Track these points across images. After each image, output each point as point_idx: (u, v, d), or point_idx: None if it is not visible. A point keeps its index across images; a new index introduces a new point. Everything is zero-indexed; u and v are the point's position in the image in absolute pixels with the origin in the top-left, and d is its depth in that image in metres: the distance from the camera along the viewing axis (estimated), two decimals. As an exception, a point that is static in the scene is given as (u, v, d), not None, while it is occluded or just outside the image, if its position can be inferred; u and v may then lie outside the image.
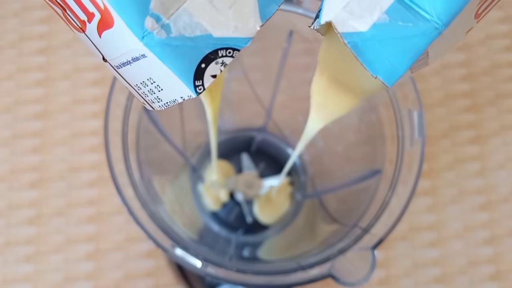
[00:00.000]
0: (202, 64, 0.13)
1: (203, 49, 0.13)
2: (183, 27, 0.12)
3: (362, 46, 0.12)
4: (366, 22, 0.12)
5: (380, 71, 0.12)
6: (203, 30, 0.12)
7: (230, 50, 0.13)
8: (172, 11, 0.12)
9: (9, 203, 0.40)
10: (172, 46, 0.12)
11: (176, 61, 0.12)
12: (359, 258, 0.23)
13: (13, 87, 0.42)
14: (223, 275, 0.23)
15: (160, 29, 0.12)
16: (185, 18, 0.12)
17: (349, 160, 0.34)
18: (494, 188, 0.42)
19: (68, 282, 0.38)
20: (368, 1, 0.12)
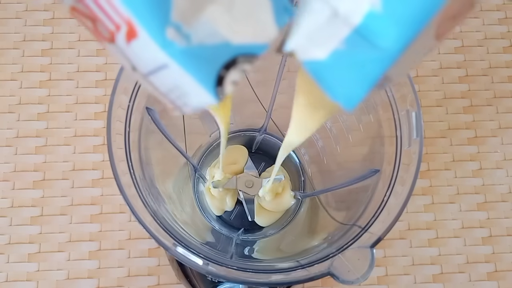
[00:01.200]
0: (222, 71, 0.13)
1: (223, 57, 0.13)
2: (203, 36, 0.12)
3: (322, 73, 0.12)
4: (326, 50, 0.12)
5: (340, 96, 0.12)
6: (222, 38, 0.13)
7: (248, 57, 0.13)
8: (193, 20, 0.12)
9: (13, 202, 0.40)
10: (193, 54, 0.12)
11: (197, 69, 0.13)
12: (358, 257, 0.23)
13: (17, 87, 0.43)
14: (224, 273, 0.24)
15: (181, 38, 0.12)
16: (205, 27, 0.12)
17: (348, 160, 0.34)
18: (492, 187, 0.42)
19: (71, 280, 0.39)
20: (327, 31, 0.12)
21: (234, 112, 0.38)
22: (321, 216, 0.34)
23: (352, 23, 0.12)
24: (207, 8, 0.12)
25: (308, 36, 0.12)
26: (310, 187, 0.37)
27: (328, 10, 0.12)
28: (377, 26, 0.11)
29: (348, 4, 0.12)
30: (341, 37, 0.12)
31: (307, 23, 0.13)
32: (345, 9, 0.12)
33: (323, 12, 0.12)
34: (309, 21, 0.13)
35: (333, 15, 0.12)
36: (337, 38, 0.12)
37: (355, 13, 0.11)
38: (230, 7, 0.13)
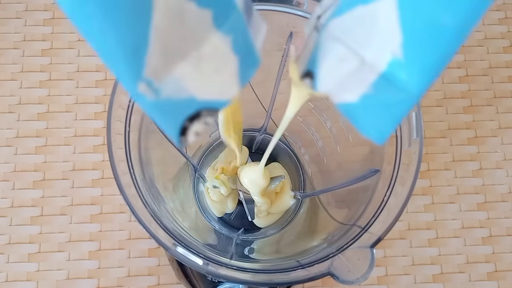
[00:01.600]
0: (186, 123, 0.14)
1: (188, 110, 0.14)
2: (172, 91, 0.13)
3: (353, 113, 0.14)
4: (356, 94, 0.13)
5: (371, 133, 0.14)
6: (188, 94, 0.14)
7: (211, 111, 0.14)
8: (163, 77, 0.13)
9: (13, 202, 0.40)
10: (161, 107, 0.13)
11: (163, 120, 0.14)
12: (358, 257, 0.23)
13: (17, 87, 0.43)
14: (224, 273, 0.24)
15: (151, 93, 0.13)
16: (174, 83, 0.13)
17: (348, 160, 0.34)
18: (492, 187, 0.42)
19: (71, 280, 0.39)
20: (356, 77, 0.13)
21: (234, 112, 0.38)
22: (321, 216, 0.34)
23: (378, 70, 0.13)
24: (177, 67, 0.13)
25: (339, 82, 0.14)
26: (310, 187, 0.37)
27: (356, 60, 0.13)
28: (400, 73, 0.12)
29: (373, 54, 0.13)
30: (369, 82, 0.13)
31: (337, 69, 0.14)
32: (371, 58, 0.13)
33: (352, 62, 0.13)
34: (338, 68, 0.14)
35: (361, 64, 0.13)
36: (366, 83, 0.13)
37: (379, 62, 0.13)
38: (199, 66, 0.14)
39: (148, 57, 0.13)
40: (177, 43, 0.13)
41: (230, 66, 0.15)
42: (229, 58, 0.15)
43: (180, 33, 0.13)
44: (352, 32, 0.14)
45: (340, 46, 0.14)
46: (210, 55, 0.14)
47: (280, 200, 0.37)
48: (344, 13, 0.14)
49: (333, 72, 0.14)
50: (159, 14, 0.12)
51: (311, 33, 0.16)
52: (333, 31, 0.14)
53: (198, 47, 0.14)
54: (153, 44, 0.13)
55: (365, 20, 0.13)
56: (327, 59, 0.15)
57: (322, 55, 0.15)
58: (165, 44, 0.13)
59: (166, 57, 0.13)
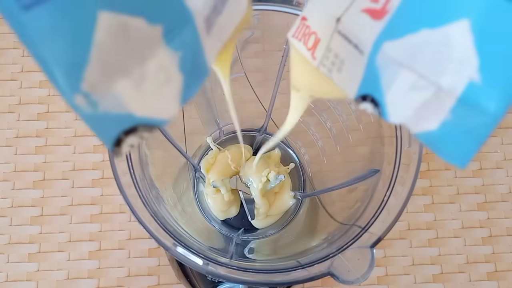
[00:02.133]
0: (121, 136, 0.14)
1: (124, 124, 0.14)
2: (110, 106, 0.13)
3: (434, 141, 0.13)
4: (435, 122, 0.13)
5: (454, 158, 0.14)
6: (127, 110, 0.14)
7: (148, 127, 0.14)
8: (102, 92, 0.13)
9: (13, 202, 0.40)
10: (97, 119, 0.13)
11: (99, 131, 0.14)
12: (358, 257, 0.23)
13: (17, 87, 0.43)
14: (224, 273, 0.24)
15: (88, 106, 0.13)
16: (112, 98, 0.13)
17: (348, 160, 0.34)
18: (492, 187, 0.42)
19: (71, 280, 0.39)
20: (433, 106, 0.13)
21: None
22: (321, 216, 0.34)
23: (456, 95, 0.13)
24: (117, 83, 0.13)
25: (416, 111, 0.13)
26: (310, 187, 0.37)
27: (432, 88, 0.13)
28: (480, 96, 0.12)
29: (449, 80, 0.13)
30: (447, 109, 0.13)
31: (409, 99, 0.14)
32: (447, 84, 0.13)
33: (427, 90, 0.13)
34: (411, 97, 0.14)
35: (437, 91, 0.13)
36: (444, 110, 0.13)
37: (457, 87, 0.12)
38: (140, 83, 0.13)
39: (87, 71, 0.12)
40: (120, 59, 0.13)
41: (173, 85, 0.14)
42: (173, 77, 0.14)
43: (124, 50, 0.13)
44: (419, 57, 0.13)
45: (407, 72, 0.14)
46: (153, 73, 0.14)
47: (280, 200, 0.37)
48: (403, 36, 0.13)
49: (406, 102, 0.14)
50: (102, 31, 0.12)
51: (331, 36, 0.16)
52: (393, 55, 0.14)
53: (142, 64, 0.13)
54: (93, 60, 0.12)
55: (433, 45, 0.13)
56: (394, 87, 0.14)
57: (385, 81, 0.14)
58: (106, 60, 0.13)
59: (106, 73, 0.13)
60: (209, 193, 0.36)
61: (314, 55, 0.17)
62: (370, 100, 0.15)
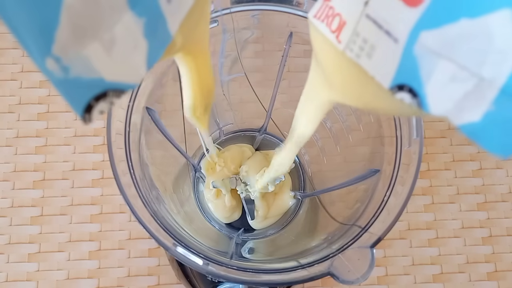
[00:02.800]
0: (91, 102, 0.14)
1: (95, 90, 0.14)
2: (81, 71, 0.13)
3: (477, 133, 0.13)
4: (477, 114, 0.13)
5: (497, 149, 0.14)
6: (97, 74, 0.14)
7: (117, 92, 0.15)
8: (72, 55, 0.13)
9: (13, 202, 0.40)
10: (68, 84, 0.13)
11: (70, 97, 0.14)
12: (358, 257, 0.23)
13: (17, 87, 0.43)
14: (224, 273, 0.24)
15: (60, 71, 0.13)
16: (82, 63, 0.13)
17: (348, 160, 0.34)
18: (492, 187, 0.42)
19: (71, 280, 0.39)
20: (475, 96, 0.13)
21: (234, 112, 0.38)
22: (321, 216, 0.34)
23: (498, 85, 0.13)
24: (87, 46, 0.13)
25: (457, 103, 0.13)
26: (310, 187, 0.37)
27: (473, 79, 0.13)
28: None
29: (492, 70, 0.13)
30: (490, 100, 0.13)
31: (450, 90, 0.14)
32: (489, 75, 0.13)
33: (468, 81, 0.13)
34: (452, 88, 0.14)
35: (479, 82, 0.13)
36: (487, 101, 0.13)
37: (499, 77, 0.12)
38: (110, 48, 0.14)
39: (58, 34, 0.12)
40: (90, 22, 0.13)
41: (139, 50, 0.15)
42: (139, 42, 0.15)
43: (93, 12, 0.13)
44: (458, 48, 0.13)
45: (447, 63, 0.14)
46: (122, 37, 0.14)
47: (279, 200, 0.37)
48: (442, 26, 0.13)
49: (446, 94, 0.14)
50: None
51: (359, 20, 0.16)
52: (431, 45, 0.14)
53: (111, 28, 0.14)
54: (64, 22, 0.12)
55: (473, 36, 0.13)
56: (433, 78, 0.14)
57: (425, 71, 0.14)
58: (76, 23, 0.13)
59: (77, 35, 0.13)
60: (211, 198, 0.36)
61: (339, 38, 0.17)
62: (408, 90, 0.15)
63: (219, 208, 0.36)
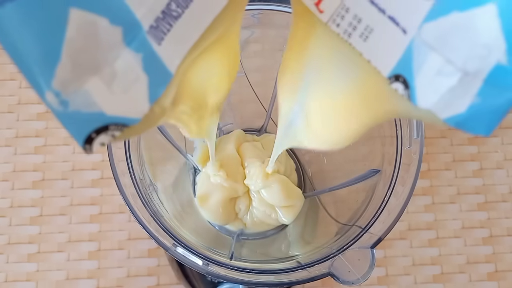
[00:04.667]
0: (93, 134, 0.14)
1: (96, 123, 0.14)
2: (80, 105, 0.13)
3: (462, 122, 0.14)
4: (463, 106, 0.13)
5: (482, 130, 0.14)
6: (98, 108, 0.14)
7: (119, 126, 0.15)
8: (72, 90, 0.13)
9: (12, 202, 0.40)
10: (68, 117, 0.14)
11: (70, 127, 0.14)
12: (359, 257, 0.23)
13: (16, 87, 0.43)
14: (224, 274, 0.24)
15: (59, 104, 0.13)
16: (82, 97, 0.13)
17: (348, 160, 0.34)
18: (492, 187, 0.42)
19: (71, 281, 0.39)
20: (460, 92, 0.13)
21: (234, 112, 0.38)
22: (321, 216, 0.34)
23: (482, 77, 0.13)
24: (88, 81, 0.13)
25: (443, 97, 0.14)
26: (310, 187, 0.37)
27: (458, 74, 0.13)
28: (506, 76, 0.13)
29: (476, 64, 0.13)
30: (474, 92, 0.13)
31: (436, 84, 0.14)
32: (473, 69, 0.13)
33: (453, 76, 0.13)
34: (438, 82, 0.14)
35: (464, 76, 0.13)
36: (471, 94, 0.13)
37: (483, 70, 0.13)
38: (110, 82, 0.14)
39: (58, 69, 0.13)
40: (90, 58, 0.13)
41: (140, 84, 0.15)
42: (140, 76, 0.15)
43: (94, 47, 0.13)
44: (448, 41, 0.13)
45: (436, 56, 0.14)
46: (122, 71, 0.14)
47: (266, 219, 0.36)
48: (437, 18, 0.13)
49: (433, 88, 0.14)
50: (73, 27, 0.12)
51: None
52: (426, 37, 0.14)
53: (112, 63, 0.14)
54: (65, 57, 0.13)
55: (462, 29, 0.13)
56: (422, 70, 0.14)
57: (416, 63, 0.14)
58: (77, 58, 0.13)
59: (77, 70, 0.13)
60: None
61: (319, 6, 0.16)
62: (402, 81, 0.15)
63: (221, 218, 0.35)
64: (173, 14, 0.15)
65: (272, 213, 0.34)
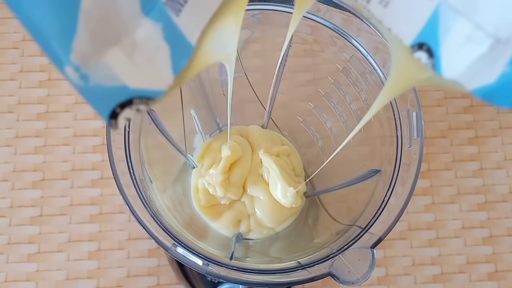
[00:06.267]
0: (117, 109, 0.14)
1: (119, 97, 0.14)
2: (102, 79, 0.13)
3: (491, 94, 0.13)
4: (492, 76, 0.12)
5: (508, 103, 0.13)
6: (120, 81, 0.13)
7: (144, 99, 0.14)
8: (92, 63, 0.13)
9: (12, 202, 0.40)
10: (90, 91, 0.13)
11: (94, 102, 0.14)
12: (359, 257, 0.23)
13: (16, 87, 0.43)
14: (224, 274, 0.24)
15: (79, 79, 0.13)
16: (103, 70, 0.13)
17: (349, 160, 0.34)
18: (492, 188, 0.42)
19: (71, 281, 0.39)
20: (489, 60, 0.12)
21: (234, 112, 0.38)
22: (321, 216, 0.34)
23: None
24: (108, 53, 0.13)
25: (471, 66, 0.13)
26: (310, 187, 0.37)
27: (489, 40, 0.12)
28: None
29: (509, 30, 0.12)
30: (505, 61, 0.12)
31: (465, 52, 0.13)
32: (505, 36, 0.12)
33: (484, 42, 0.12)
34: (467, 50, 0.13)
35: (495, 43, 0.12)
36: (502, 63, 0.12)
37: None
38: (131, 53, 0.13)
39: (76, 41, 0.12)
40: (109, 28, 0.13)
41: (162, 55, 0.14)
42: (161, 46, 0.14)
43: (112, 17, 0.13)
44: (478, 5, 0.12)
45: (464, 21, 0.13)
46: (143, 41, 0.14)
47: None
48: None
49: (460, 56, 0.13)
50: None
51: None
52: (454, 2, 0.13)
53: (132, 32, 0.13)
54: (81, 29, 0.12)
55: None
56: (449, 38, 0.13)
57: (442, 30, 0.13)
58: (94, 30, 0.12)
59: (96, 42, 0.13)
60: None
61: None
62: (426, 49, 0.14)
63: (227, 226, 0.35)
64: None
65: (271, 231, 0.35)
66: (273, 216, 0.34)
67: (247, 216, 0.35)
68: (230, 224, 0.34)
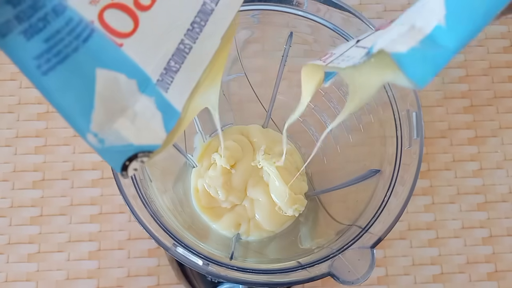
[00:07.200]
0: (126, 162, 0.18)
1: (127, 153, 0.18)
2: (114, 140, 0.18)
3: (402, 60, 0.17)
4: (406, 46, 0.17)
5: (415, 76, 0.17)
6: (127, 141, 0.18)
7: (146, 152, 0.19)
8: (106, 130, 0.18)
9: (12, 202, 0.40)
10: (107, 151, 0.18)
11: (109, 160, 0.18)
12: (359, 257, 0.23)
13: (16, 87, 0.43)
14: (224, 274, 0.24)
15: (98, 143, 0.18)
16: (114, 134, 0.18)
17: (348, 160, 0.34)
18: (492, 188, 0.42)
19: (71, 281, 0.39)
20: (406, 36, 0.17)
21: (234, 112, 0.38)
22: (321, 216, 0.34)
23: (425, 32, 0.17)
24: (116, 121, 0.18)
25: (392, 40, 0.17)
26: (310, 187, 0.37)
27: (407, 25, 0.17)
28: (443, 35, 0.16)
29: (422, 21, 0.17)
30: (417, 40, 0.17)
31: (391, 33, 0.18)
32: (420, 25, 0.17)
33: (404, 27, 0.17)
34: (392, 32, 0.18)
35: (411, 28, 0.17)
36: (414, 40, 0.17)
37: (426, 27, 0.17)
38: (133, 120, 0.18)
39: (93, 116, 0.17)
40: (116, 103, 0.18)
41: (157, 119, 0.19)
42: (155, 114, 0.19)
43: (118, 96, 0.18)
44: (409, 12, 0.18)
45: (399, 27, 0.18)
46: (142, 111, 0.18)
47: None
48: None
49: (387, 37, 0.18)
50: (100, 84, 0.17)
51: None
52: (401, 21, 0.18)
53: (133, 105, 0.18)
54: (97, 106, 0.17)
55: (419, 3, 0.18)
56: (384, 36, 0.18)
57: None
58: (106, 105, 0.17)
59: (108, 114, 0.17)
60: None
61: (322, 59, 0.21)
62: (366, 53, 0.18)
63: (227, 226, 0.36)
64: (172, 69, 0.19)
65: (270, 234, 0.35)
66: (272, 220, 0.34)
67: (247, 219, 0.35)
68: (231, 226, 0.34)
